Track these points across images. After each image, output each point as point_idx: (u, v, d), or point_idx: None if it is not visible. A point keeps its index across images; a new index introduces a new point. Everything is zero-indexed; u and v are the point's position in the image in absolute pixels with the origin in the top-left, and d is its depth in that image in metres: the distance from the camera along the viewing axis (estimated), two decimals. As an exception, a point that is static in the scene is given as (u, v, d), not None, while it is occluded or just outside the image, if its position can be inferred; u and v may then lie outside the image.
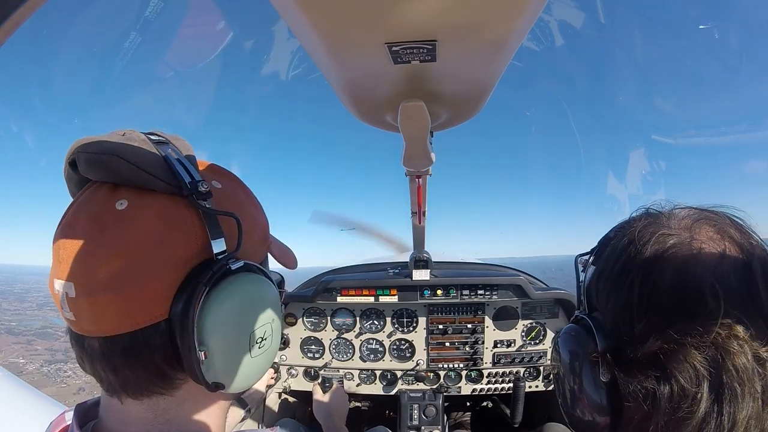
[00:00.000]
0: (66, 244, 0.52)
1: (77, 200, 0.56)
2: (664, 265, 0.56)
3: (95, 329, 0.51)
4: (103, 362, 0.53)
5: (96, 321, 0.51)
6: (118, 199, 0.52)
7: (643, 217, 0.64)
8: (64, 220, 0.55)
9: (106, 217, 0.51)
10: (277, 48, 57.65)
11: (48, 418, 0.65)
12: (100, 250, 0.50)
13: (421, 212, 1.51)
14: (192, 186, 0.53)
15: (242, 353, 0.56)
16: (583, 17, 11.33)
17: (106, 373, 0.53)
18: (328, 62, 0.57)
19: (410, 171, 1.11)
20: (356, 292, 2.18)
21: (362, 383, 2.32)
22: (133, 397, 0.55)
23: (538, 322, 2.24)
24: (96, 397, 0.64)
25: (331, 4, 0.43)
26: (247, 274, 0.57)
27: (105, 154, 0.52)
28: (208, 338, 0.52)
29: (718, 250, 0.56)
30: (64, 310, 0.52)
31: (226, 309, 0.53)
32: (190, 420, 0.59)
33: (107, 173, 0.53)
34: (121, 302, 0.50)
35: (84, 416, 0.61)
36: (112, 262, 0.50)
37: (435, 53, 0.51)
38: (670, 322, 0.54)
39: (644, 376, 0.55)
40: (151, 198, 0.53)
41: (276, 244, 0.72)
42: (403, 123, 0.69)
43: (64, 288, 0.51)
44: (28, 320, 28.39)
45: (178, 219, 0.53)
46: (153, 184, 0.53)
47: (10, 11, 0.34)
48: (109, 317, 0.50)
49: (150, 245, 0.51)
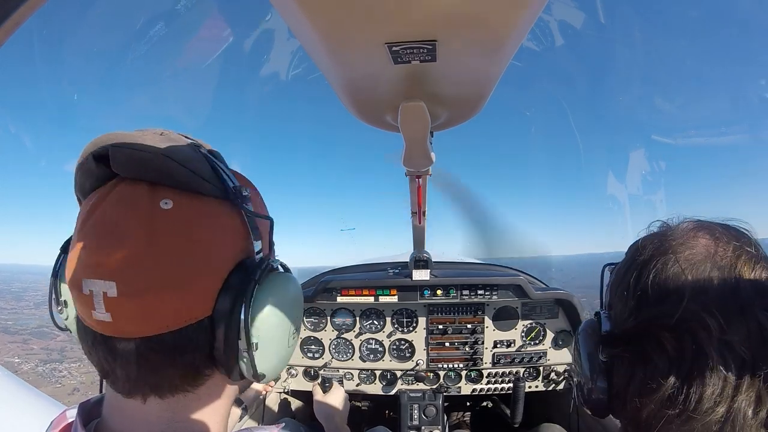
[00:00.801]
0: (105, 242, 0.50)
1: (106, 197, 0.53)
2: (657, 264, 0.64)
3: (137, 329, 0.51)
4: (140, 362, 0.52)
5: (140, 321, 0.50)
6: (161, 199, 0.52)
7: (656, 229, 0.73)
8: (95, 217, 0.52)
9: (154, 217, 0.51)
10: (277, 48, 57.08)
11: (47, 417, 0.65)
12: (149, 249, 0.50)
13: (421, 212, 1.51)
14: (236, 190, 0.56)
15: (284, 343, 0.61)
16: (583, 17, 11.32)
17: (139, 373, 0.52)
18: (328, 62, 0.57)
19: (410, 171, 1.11)
20: (356, 292, 2.18)
21: (362, 383, 2.32)
22: (159, 395, 0.55)
23: (538, 323, 2.24)
24: (98, 396, 0.63)
25: (331, 4, 0.43)
26: (285, 272, 0.63)
27: (152, 153, 0.52)
28: (258, 330, 0.55)
29: (705, 254, 0.62)
30: (96, 311, 0.50)
31: (274, 303, 0.57)
32: (204, 416, 0.60)
33: (153, 172, 0.52)
34: (170, 301, 0.50)
35: (87, 414, 0.61)
36: (162, 262, 0.50)
37: (435, 53, 0.51)
38: (645, 306, 0.64)
39: (624, 352, 0.64)
40: (196, 199, 0.54)
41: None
42: (403, 123, 0.69)
43: (101, 288, 0.49)
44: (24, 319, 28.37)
45: (224, 221, 0.56)
46: (201, 187, 0.54)
47: (10, 11, 0.34)
48: (157, 316, 0.50)
49: (200, 245, 0.52)
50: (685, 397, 0.57)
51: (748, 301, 0.58)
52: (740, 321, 0.57)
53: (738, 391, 0.56)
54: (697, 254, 0.62)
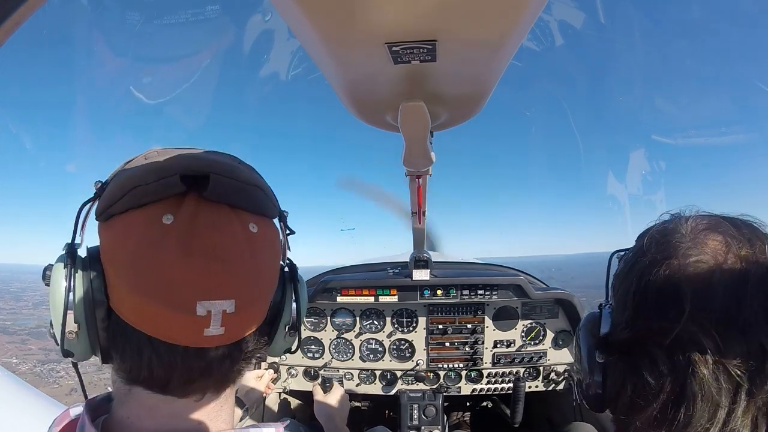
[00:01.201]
0: (219, 265, 0.54)
1: (196, 218, 0.54)
2: (659, 270, 0.60)
3: (237, 336, 0.59)
4: (225, 363, 0.59)
5: (242, 329, 0.59)
6: (248, 223, 0.59)
7: (664, 221, 0.68)
8: (198, 240, 0.53)
9: (251, 240, 0.59)
10: (277, 48, 57.06)
11: (47, 417, 0.65)
12: (255, 268, 0.59)
13: (421, 212, 1.51)
14: (282, 213, 0.69)
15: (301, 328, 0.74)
16: (583, 17, 11.27)
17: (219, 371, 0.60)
18: (328, 62, 0.57)
19: (410, 171, 1.11)
20: (356, 292, 2.18)
21: (362, 383, 2.32)
22: (217, 391, 0.62)
23: (537, 322, 2.24)
24: (105, 393, 0.65)
25: (331, 4, 0.43)
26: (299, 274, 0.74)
27: (249, 184, 0.60)
28: (302, 315, 0.71)
29: (713, 262, 0.58)
30: (211, 328, 0.53)
31: (305, 298, 0.73)
32: (226, 409, 0.66)
33: (243, 201, 0.59)
34: (261, 309, 0.62)
35: (94, 411, 0.62)
36: (265, 276, 0.62)
37: (435, 53, 0.51)
38: (642, 316, 0.61)
39: (617, 360, 0.63)
40: (268, 222, 0.64)
41: None
42: (403, 123, 0.69)
43: (221, 307, 0.54)
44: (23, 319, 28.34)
45: (277, 238, 0.66)
46: (273, 213, 0.65)
47: (10, 11, 0.34)
48: (253, 322, 0.61)
49: (274, 260, 0.65)
50: (673, 419, 0.55)
51: (752, 319, 0.54)
52: (740, 342, 0.53)
53: (731, 416, 0.53)
54: (704, 262, 0.58)
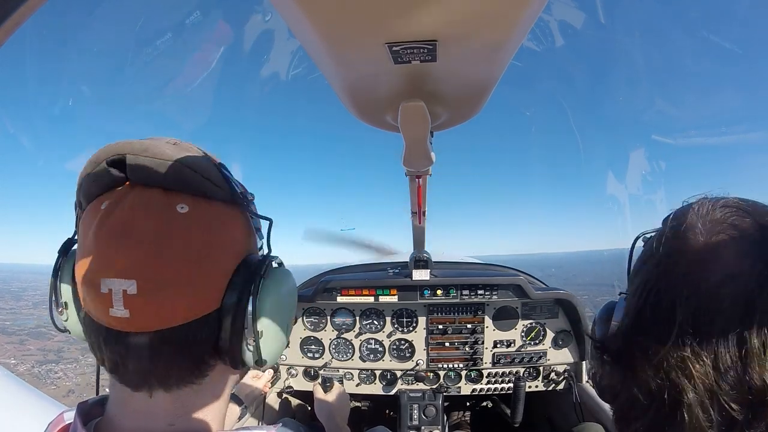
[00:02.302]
0: (126, 243, 0.53)
1: (122, 201, 0.56)
2: (661, 281, 0.56)
3: (153, 324, 0.54)
4: (152, 355, 0.55)
5: (156, 316, 0.54)
6: (177, 203, 0.56)
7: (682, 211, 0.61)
8: (111, 220, 0.54)
9: (173, 220, 0.55)
10: (277, 48, 57.23)
11: (47, 417, 0.65)
12: (168, 249, 0.54)
13: (421, 212, 1.51)
14: (243, 195, 0.62)
15: (284, 330, 0.65)
16: (583, 17, 11.28)
17: (151, 365, 0.56)
18: (328, 62, 0.57)
19: (410, 171, 1.11)
20: (356, 292, 2.18)
21: (362, 383, 2.31)
22: (165, 389, 0.58)
23: (537, 322, 2.24)
24: (97, 397, 0.64)
25: (331, 4, 0.43)
26: (283, 268, 0.67)
27: (169, 161, 0.56)
28: (263, 320, 0.60)
29: (726, 278, 0.51)
30: (114, 308, 0.53)
31: (276, 295, 0.62)
32: (205, 408, 0.62)
33: (169, 179, 0.56)
34: (188, 295, 0.55)
35: (86, 415, 0.62)
36: (184, 259, 0.55)
37: (435, 53, 0.51)
38: (638, 325, 0.57)
39: (613, 370, 0.61)
40: (210, 204, 0.59)
41: None
42: (403, 123, 0.69)
43: (120, 286, 0.52)
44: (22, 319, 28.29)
45: (232, 222, 0.61)
46: (213, 192, 0.59)
47: (10, 11, 0.34)
48: (170, 311, 0.54)
49: (211, 245, 0.57)
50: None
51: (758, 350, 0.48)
52: (739, 372, 0.49)
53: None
54: (715, 276, 0.51)
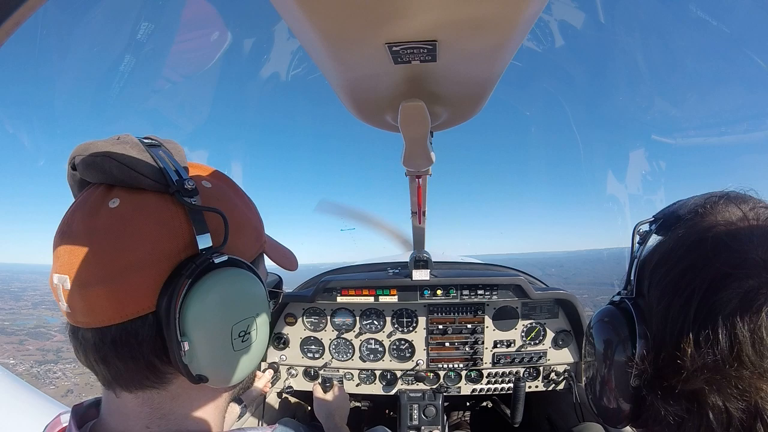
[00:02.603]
0: (63, 240, 0.55)
1: (76, 201, 0.59)
2: (729, 288, 0.48)
3: (88, 320, 0.54)
4: (96, 353, 0.55)
5: (88, 312, 0.53)
6: (110, 198, 0.55)
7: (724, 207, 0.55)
8: (63, 218, 0.58)
9: (100, 215, 0.54)
10: (277, 48, 56.53)
11: (46, 417, 0.65)
12: (93, 245, 0.53)
13: (421, 212, 1.51)
14: (178, 183, 0.55)
15: (223, 346, 0.56)
16: (583, 17, 11.27)
17: (98, 364, 0.55)
18: (328, 62, 0.57)
19: (410, 171, 1.11)
20: (356, 292, 2.18)
21: (362, 383, 2.31)
22: (126, 390, 0.57)
23: (538, 322, 2.24)
24: (93, 398, 0.64)
25: (331, 4, 0.43)
26: (230, 269, 0.57)
27: (99, 156, 0.55)
28: (190, 330, 0.53)
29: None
30: (60, 302, 0.55)
31: (207, 301, 0.54)
32: (187, 416, 0.60)
33: (101, 174, 0.56)
34: (110, 295, 0.52)
35: (81, 417, 0.61)
36: (102, 256, 0.52)
37: (435, 53, 0.51)
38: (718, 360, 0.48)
39: (678, 406, 0.51)
40: (140, 196, 0.56)
41: (274, 246, 0.73)
42: (403, 123, 0.69)
43: (60, 281, 0.54)
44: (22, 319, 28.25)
45: (165, 215, 0.55)
46: (142, 183, 0.55)
47: (10, 11, 0.34)
48: (100, 309, 0.53)
49: (138, 240, 0.53)
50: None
51: None
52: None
53: None
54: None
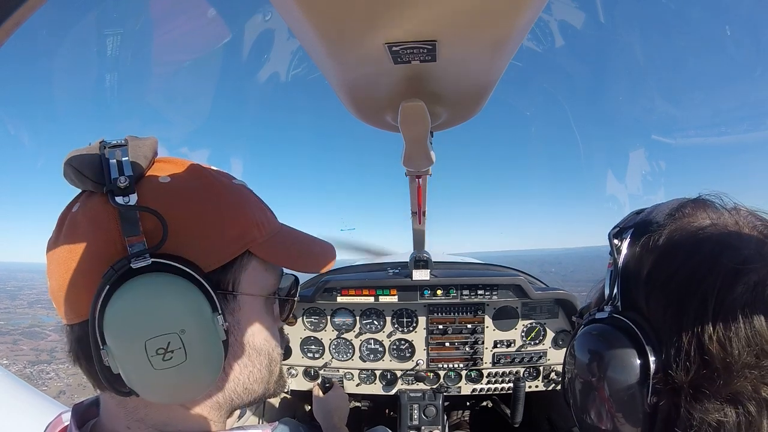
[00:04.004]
0: (48, 244, 0.58)
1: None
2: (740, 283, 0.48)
3: (64, 318, 0.57)
4: (70, 350, 0.57)
5: (59, 310, 0.56)
6: (75, 204, 0.57)
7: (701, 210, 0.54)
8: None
9: (65, 220, 0.56)
10: (277, 48, 56.85)
11: (46, 417, 0.65)
12: (57, 249, 0.55)
13: (421, 212, 1.51)
14: (113, 182, 0.51)
15: (140, 363, 0.50)
16: (584, 17, 11.31)
17: (74, 361, 0.57)
18: (328, 62, 0.57)
19: (410, 171, 1.11)
20: (356, 292, 2.18)
21: (362, 383, 2.31)
22: (101, 390, 0.58)
23: (538, 322, 2.24)
24: (93, 397, 0.64)
25: (331, 4, 0.43)
26: (152, 275, 0.50)
27: (65, 164, 0.56)
28: (109, 341, 0.49)
29: None
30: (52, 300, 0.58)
31: (117, 311, 0.49)
32: (165, 422, 0.57)
33: (69, 181, 0.57)
34: (65, 296, 0.54)
35: (81, 416, 0.61)
36: (61, 260, 0.54)
37: (435, 53, 0.51)
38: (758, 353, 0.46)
39: (718, 411, 0.48)
40: (91, 199, 0.56)
41: (282, 245, 0.65)
42: (403, 123, 0.69)
43: (47, 281, 0.57)
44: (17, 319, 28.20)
45: (101, 217, 0.53)
46: (88, 185, 0.55)
47: (10, 11, 0.34)
48: (63, 308, 0.55)
49: (81, 244, 0.53)
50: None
51: None
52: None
53: None
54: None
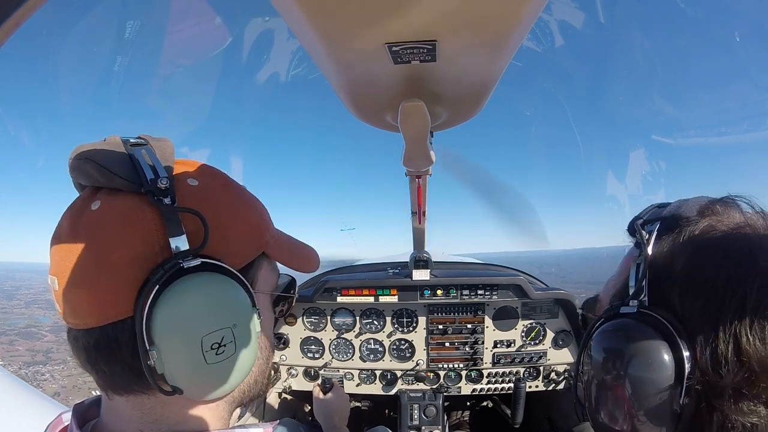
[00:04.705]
0: (53, 242, 0.56)
1: (70, 204, 0.60)
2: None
3: (75, 322, 0.54)
4: (85, 355, 0.55)
5: (73, 314, 0.54)
6: (94, 201, 0.55)
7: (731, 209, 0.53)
8: (59, 221, 0.59)
9: (82, 218, 0.55)
10: (277, 48, 57.06)
11: (46, 417, 0.65)
12: (74, 248, 0.53)
13: (421, 212, 1.51)
14: (151, 183, 0.53)
15: (193, 359, 0.52)
16: (583, 17, 11.29)
17: (88, 365, 0.56)
18: (328, 62, 0.57)
19: (410, 171, 1.11)
20: (356, 292, 2.18)
21: (362, 383, 2.31)
22: (117, 393, 0.56)
23: (538, 322, 2.24)
24: (94, 397, 0.64)
25: (331, 4, 0.43)
26: (203, 274, 0.53)
27: (81, 159, 0.55)
28: (158, 340, 0.50)
29: None
30: (55, 302, 0.56)
31: (172, 310, 0.51)
32: (180, 422, 0.58)
33: (85, 177, 0.56)
34: (89, 297, 0.53)
35: (82, 416, 0.61)
36: (82, 259, 0.53)
37: (435, 53, 0.51)
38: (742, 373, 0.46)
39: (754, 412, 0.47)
40: (117, 197, 0.55)
41: (285, 246, 0.69)
42: (403, 123, 0.69)
43: (51, 282, 0.55)
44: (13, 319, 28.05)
45: (137, 217, 0.53)
46: (118, 184, 0.54)
47: (10, 11, 0.34)
48: (82, 311, 0.53)
49: (113, 243, 0.52)
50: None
51: None
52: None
53: None
54: None
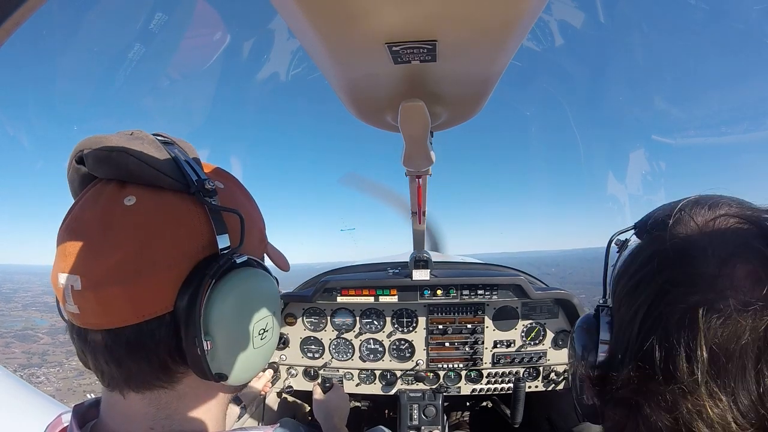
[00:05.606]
0: (73, 238, 0.53)
1: (83, 197, 0.57)
2: (668, 307, 0.50)
3: (100, 322, 0.53)
4: (107, 355, 0.54)
5: (102, 314, 0.52)
6: (126, 196, 0.54)
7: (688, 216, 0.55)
8: (70, 216, 0.56)
9: (115, 213, 0.53)
10: (277, 48, 57.44)
11: (46, 417, 0.65)
12: (108, 244, 0.52)
13: (421, 212, 1.51)
14: (199, 184, 0.55)
15: (245, 344, 0.58)
16: (583, 17, 11.29)
17: (108, 366, 0.54)
18: (328, 62, 0.57)
19: (410, 171, 1.11)
20: (356, 292, 2.18)
21: (362, 383, 2.31)
22: (135, 390, 0.56)
23: (537, 323, 2.24)
24: (93, 398, 0.64)
25: (331, 4, 0.43)
26: (250, 269, 0.59)
27: (115, 151, 0.54)
28: (213, 329, 0.54)
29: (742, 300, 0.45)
30: (67, 304, 0.53)
31: (231, 301, 0.55)
32: (191, 415, 0.60)
33: (116, 170, 0.55)
34: (128, 295, 0.51)
35: (82, 417, 0.61)
36: (120, 256, 0.51)
37: (435, 53, 0.51)
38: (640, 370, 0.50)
39: (617, 412, 0.55)
40: (158, 194, 0.55)
41: (271, 247, 0.75)
42: (403, 123, 0.69)
43: (69, 281, 0.52)
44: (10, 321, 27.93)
45: (184, 215, 0.55)
46: (161, 181, 0.55)
47: (10, 11, 0.34)
48: (115, 309, 0.52)
49: (157, 239, 0.53)
50: None
51: None
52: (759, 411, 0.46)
53: None
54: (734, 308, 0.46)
